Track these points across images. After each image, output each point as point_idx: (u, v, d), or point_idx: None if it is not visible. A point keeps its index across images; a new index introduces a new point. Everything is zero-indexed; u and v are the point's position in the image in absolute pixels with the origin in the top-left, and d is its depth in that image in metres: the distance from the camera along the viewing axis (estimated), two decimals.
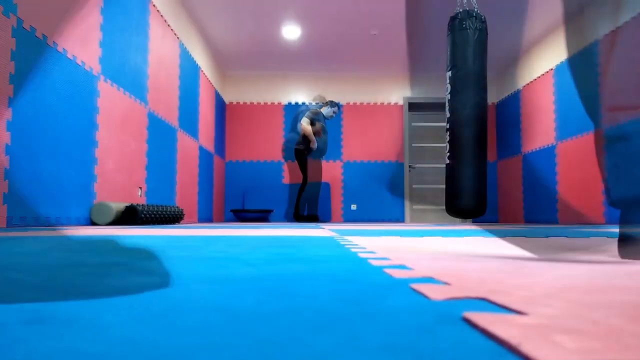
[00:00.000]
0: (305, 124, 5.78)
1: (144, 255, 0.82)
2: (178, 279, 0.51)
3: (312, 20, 5.71)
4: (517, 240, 1.33)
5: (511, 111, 7.03)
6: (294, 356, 0.23)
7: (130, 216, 3.29)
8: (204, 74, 6.13)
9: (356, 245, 1.11)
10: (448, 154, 4.55)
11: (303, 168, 5.91)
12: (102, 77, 3.37)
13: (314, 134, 5.92)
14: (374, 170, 7.42)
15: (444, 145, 7.53)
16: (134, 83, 3.89)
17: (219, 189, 7.04)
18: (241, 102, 7.50)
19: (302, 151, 5.85)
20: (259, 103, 7.50)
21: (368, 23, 5.79)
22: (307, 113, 5.90)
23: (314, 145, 5.86)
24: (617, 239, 1.19)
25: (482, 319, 0.30)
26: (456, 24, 4.37)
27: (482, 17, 4.41)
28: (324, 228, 2.89)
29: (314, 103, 7.11)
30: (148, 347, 0.24)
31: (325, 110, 6.06)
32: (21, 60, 2.50)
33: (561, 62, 5.66)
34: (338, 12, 5.50)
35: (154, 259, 0.75)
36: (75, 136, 3.04)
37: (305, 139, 5.87)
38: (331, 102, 6.14)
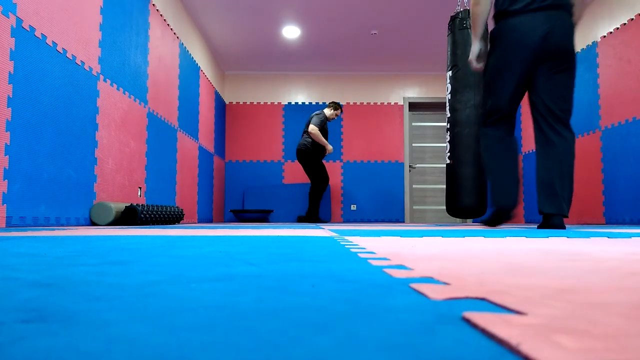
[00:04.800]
0: (315, 132, 5.70)
1: (143, 255, 0.82)
2: (178, 278, 0.51)
3: (312, 20, 5.71)
4: (518, 241, 1.33)
5: None
6: (294, 355, 0.23)
7: (130, 216, 3.30)
8: (203, 74, 6.13)
9: (356, 245, 1.11)
10: (448, 153, 4.55)
11: (311, 170, 5.82)
12: (102, 77, 3.37)
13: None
14: (374, 170, 7.42)
15: (444, 145, 7.54)
16: (133, 83, 3.89)
17: (219, 189, 7.04)
18: (241, 102, 7.51)
19: (310, 153, 5.77)
20: (259, 103, 7.50)
21: (368, 23, 5.79)
22: (314, 119, 5.81)
23: (329, 147, 5.80)
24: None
25: (482, 318, 0.30)
26: (457, 23, 4.37)
27: None
28: (323, 228, 2.89)
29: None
30: (148, 346, 0.24)
31: (328, 112, 5.99)
32: (20, 59, 2.50)
33: None
34: (338, 12, 5.50)
35: (153, 258, 0.75)
36: (75, 136, 3.04)
37: (315, 142, 5.79)
38: (335, 103, 6.02)
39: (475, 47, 2.76)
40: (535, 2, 2.50)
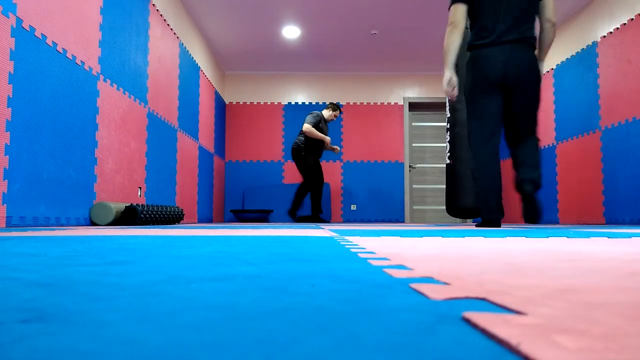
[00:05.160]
0: (308, 129, 5.67)
1: (143, 255, 0.82)
2: (178, 278, 0.51)
3: (312, 20, 5.71)
4: (518, 241, 1.33)
5: None
6: (294, 355, 0.23)
7: (130, 216, 3.30)
8: (203, 74, 6.13)
9: (356, 245, 1.11)
10: (448, 153, 4.55)
11: (303, 169, 5.79)
12: (102, 77, 3.37)
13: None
14: (374, 170, 7.42)
15: (444, 145, 7.54)
16: (133, 83, 3.89)
17: (219, 189, 7.04)
18: (241, 102, 7.51)
19: (303, 152, 5.74)
20: (259, 103, 7.50)
21: (368, 23, 5.79)
22: (308, 118, 5.78)
23: (327, 138, 5.73)
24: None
25: (482, 319, 0.30)
26: None
27: None
28: (323, 228, 2.89)
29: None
30: (148, 346, 0.24)
31: (327, 114, 5.96)
32: (20, 59, 2.50)
33: (561, 62, 5.66)
34: (338, 12, 5.50)
35: (153, 258, 0.75)
36: (75, 136, 3.04)
37: (308, 140, 5.76)
38: (333, 105, 6.00)
39: (447, 75, 3.16)
40: (501, 37, 2.96)
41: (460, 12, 3.04)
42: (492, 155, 3.06)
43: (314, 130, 5.66)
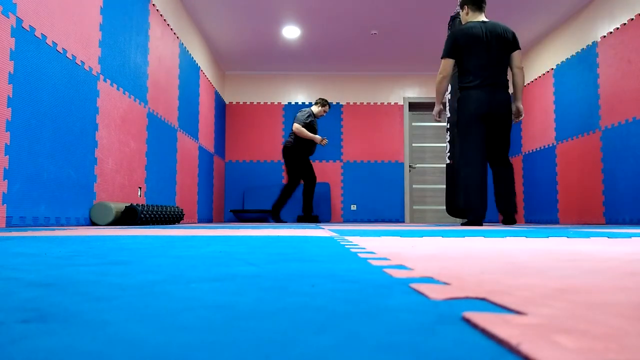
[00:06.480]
0: (298, 129, 5.63)
1: (143, 255, 0.82)
2: (178, 278, 0.51)
3: (312, 20, 5.71)
4: (518, 241, 1.33)
5: None
6: (294, 355, 0.23)
7: (130, 216, 3.30)
8: (203, 74, 6.13)
9: (356, 245, 1.11)
10: (448, 154, 4.55)
11: (293, 168, 5.75)
12: (102, 77, 3.37)
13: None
14: (374, 170, 7.42)
15: (444, 145, 7.54)
16: (133, 83, 3.89)
17: (219, 189, 7.04)
18: (241, 102, 7.51)
19: (293, 150, 5.69)
20: (259, 103, 7.50)
21: (368, 23, 5.79)
22: (298, 116, 5.74)
23: (317, 138, 5.69)
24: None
25: (482, 319, 0.30)
26: (456, 23, 4.36)
27: None
28: (323, 228, 2.89)
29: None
30: (148, 346, 0.24)
31: (316, 109, 5.91)
32: (20, 59, 2.50)
33: (561, 62, 5.66)
34: (338, 12, 5.50)
35: (153, 258, 0.75)
36: (75, 136, 3.04)
37: (298, 138, 5.71)
38: (322, 100, 5.96)
39: (437, 108, 4.12)
40: (485, 81, 3.73)
41: (450, 65, 3.87)
42: (482, 167, 3.73)
43: (303, 130, 5.63)
